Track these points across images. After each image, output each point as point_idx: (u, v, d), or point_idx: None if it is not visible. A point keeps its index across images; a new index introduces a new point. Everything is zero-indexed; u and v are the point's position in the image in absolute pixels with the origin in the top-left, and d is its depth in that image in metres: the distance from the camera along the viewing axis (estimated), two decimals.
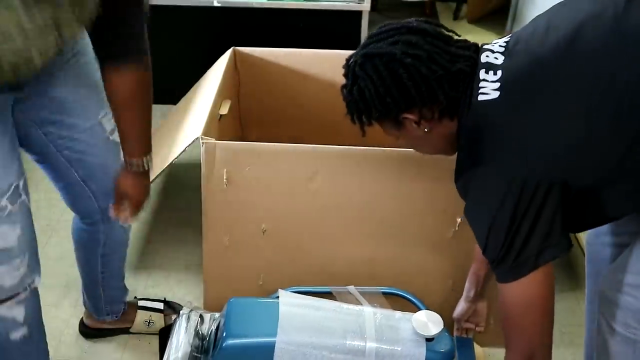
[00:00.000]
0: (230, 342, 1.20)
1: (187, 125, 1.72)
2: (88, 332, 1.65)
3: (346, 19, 2.32)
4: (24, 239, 1.19)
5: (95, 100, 1.29)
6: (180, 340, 1.27)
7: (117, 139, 1.29)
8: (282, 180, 1.51)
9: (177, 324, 1.31)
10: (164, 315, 1.65)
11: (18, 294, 1.20)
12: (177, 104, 2.08)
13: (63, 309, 1.72)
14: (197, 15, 2.37)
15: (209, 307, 1.58)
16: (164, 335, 1.37)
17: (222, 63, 1.90)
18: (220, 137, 1.54)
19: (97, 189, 1.36)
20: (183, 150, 1.58)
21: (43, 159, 1.32)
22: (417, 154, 1.32)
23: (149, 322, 1.64)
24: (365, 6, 2.28)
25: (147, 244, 1.94)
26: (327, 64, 1.96)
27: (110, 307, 1.61)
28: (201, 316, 1.32)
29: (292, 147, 1.50)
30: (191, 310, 1.33)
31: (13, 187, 1.15)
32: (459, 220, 1.50)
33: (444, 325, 1.22)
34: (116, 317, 1.63)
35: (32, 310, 1.28)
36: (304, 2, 2.27)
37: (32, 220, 1.23)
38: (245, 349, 1.22)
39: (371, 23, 2.37)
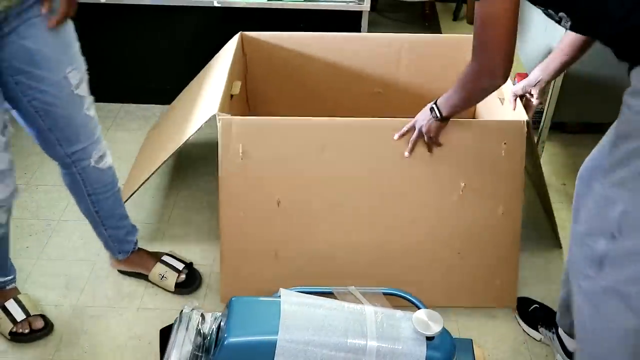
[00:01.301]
0: (231, 340, 1.20)
1: (201, 104, 1.78)
2: (118, 272, 1.82)
3: (346, 19, 2.32)
4: (12, 162, 1.47)
5: (64, 55, 1.41)
6: (182, 339, 1.27)
7: (82, 93, 1.46)
8: (294, 152, 1.60)
9: (178, 323, 1.31)
10: (178, 275, 1.75)
11: (6, 205, 1.47)
12: (188, 86, 2.14)
13: (63, 309, 1.72)
14: (197, 15, 2.37)
15: (226, 282, 1.67)
16: (165, 335, 1.37)
17: (230, 47, 1.98)
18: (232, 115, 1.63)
19: (62, 137, 1.50)
20: (200, 127, 1.64)
21: (15, 106, 1.45)
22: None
23: (162, 276, 1.75)
24: (365, 6, 2.28)
25: (147, 244, 1.93)
26: (331, 46, 2.07)
27: (119, 245, 1.75)
28: (202, 315, 1.32)
29: (303, 121, 1.61)
30: (192, 310, 1.33)
31: (3, 122, 1.39)
32: (462, 184, 1.59)
33: (443, 324, 1.23)
34: (127, 255, 1.77)
35: (9, 215, 1.53)
36: (304, 2, 2.27)
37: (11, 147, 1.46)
38: (247, 347, 1.22)
39: (371, 23, 2.37)
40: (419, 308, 1.35)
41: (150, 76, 2.58)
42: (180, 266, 1.77)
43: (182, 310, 1.34)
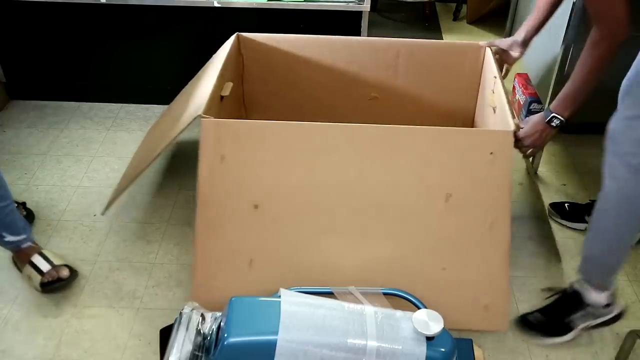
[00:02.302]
0: (231, 340, 1.20)
1: (190, 105, 1.76)
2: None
3: (346, 19, 2.32)
4: None
5: None
6: (182, 339, 1.27)
7: None
8: (274, 156, 1.57)
9: (178, 323, 1.31)
10: (41, 277, 1.73)
11: None
12: (186, 86, 2.12)
13: (63, 308, 1.72)
14: (197, 15, 2.37)
15: (198, 286, 1.61)
16: (165, 335, 1.37)
17: (226, 47, 1.96)
18: (222, 118, 1.61)
19: None
20: (184, 129, 1.62)
21: None
22: (406, 130, 1.47)
23: (29, 278, 1.75)
24: (365, 6, 2.28)
25: (147, 244, 1.94)
26: (328, 49, 2.05)
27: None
28: (202, 315, 1.32)
29: (284, 125, 1.57)
30: (192, 310, 1.33)
31: None
32: (448, 194, 1.54)
33: (444, 324, 1.23)
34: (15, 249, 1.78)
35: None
36: (304, 2, 2.27)
37: None
38: (247, 347, 1.22)
39: (371, 23, 2.37)
40: (419, 308, 1.35)
41: (150, 76, 2.58)
42: (46, 267, 1.74)
43: (182, 310, 1.34)
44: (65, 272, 1.76)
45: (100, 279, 1.81)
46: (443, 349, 1.25)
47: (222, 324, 1.27)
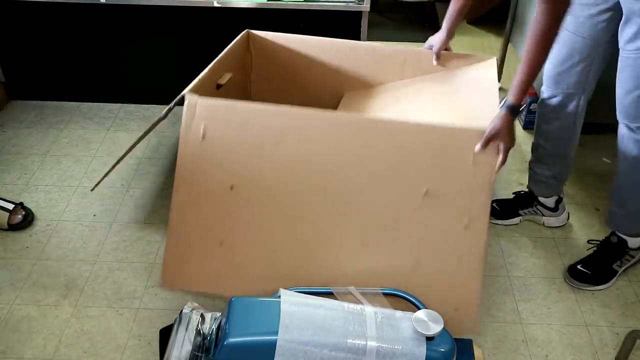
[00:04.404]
0: (231, 340, 1.20)
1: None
2: None
3: (346, 19, 2.32)
4: None
5: None
6: (182, 339, 1.27)
7: None
8: (255, 138, 1.57)
9: (178, 323, 1.31)
10: (10, 215, 1.93)
11: None
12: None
13: (63, 308, 1.72)
14: (197, 15, 2.37)
15: (168, 265, 1.60)
16: (165, 335, 1.38)
17: (234, 42, 1.97)
18: None
19: None
20: (170, 108, 1.66)
21: None
22: (387, 123, 1.50)
23: None
24: (365, 6, 2.28)
25: (147, 244, 1.94)
26: (336, 52, 2.05)
27: None
28: (202, 315, 1.32)
29: (265, 107, 1.59)
30: (192, 310, 1.33)
31: None
32: (425, 189, 1.52)
33: (444, 325, 1.23)
34: None
35: None
36: (304, 2, 2.27)
37: None
38: (247, 347, 1.22)
39: (371, 23, 2.37)
40: (419, 308, 1.35)
41: (150, 76, 2.58)
42: (9, 206, 1.93)
43: (182, 310, 1.34)
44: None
45: (100, 279, 1.81)
46: (443, 349, 1.25)
47: (222, 324, 1.27)
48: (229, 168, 1.57)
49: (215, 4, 2.27)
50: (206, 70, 1.73)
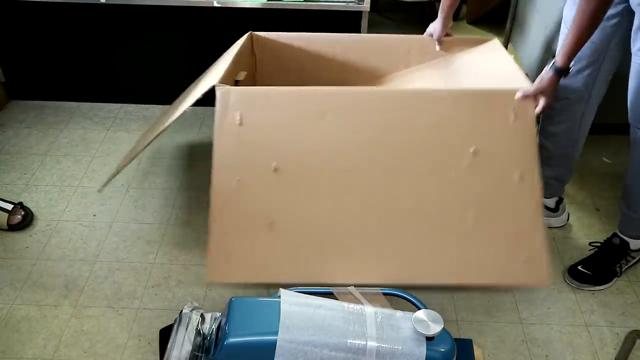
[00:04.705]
0: (231, 340, 1.20)
1: (202, 85, 1.75)
2: None
3: (346, 19, 2.32)
4: None
5: None
6: (181, 339, 1.27)
7: None
8: (293, 119, 1.57)
9: (178, 323, 1.31)
10: (9, 215, 1.94)
11: None
12: (189, 86, 2.14)
13: (63, 308, 1.72)
14: (197, 15, 2.37)
15: (214, 256, 1.54)
16: (165, 335, 1.38)
17: (238, 45, 1.97)
18: None
19: None
20: (199, 97, 1.61)
21: None
22: (424, 92, 1.54)
23: None
24: (365, 6, 2.28)
25: (147, 244, 1.94)
26: (340, 47, 2.05)
27: None
28: (202, 315, 1.32)
29: (302, 90, 1.59)
30: (192, 310, 1.33)
31: None
32: (472, 149, 1.55)
33: (444, 325, 1.23)
34: None
35: None
36: (304, 2, 2.27)
37: None
38: (247, 347, 1.22)
39: (371, 23, 2.37)
40: (419, 308, 1.35)
41: (150, 76, 2.58)
42: (8, 207, 1.93)
43: (182, 310, 1.34)
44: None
45: (100, 279, 1.81)
46: (443, 349, 1.25)
47: (222, 324, 1.27)
48: (270, 150, 1.55)
49: (215, 4, 2.27)
50: (225, 69, 1.70)
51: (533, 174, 1.54)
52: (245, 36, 2.02)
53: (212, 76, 1.74)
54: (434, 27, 1.96)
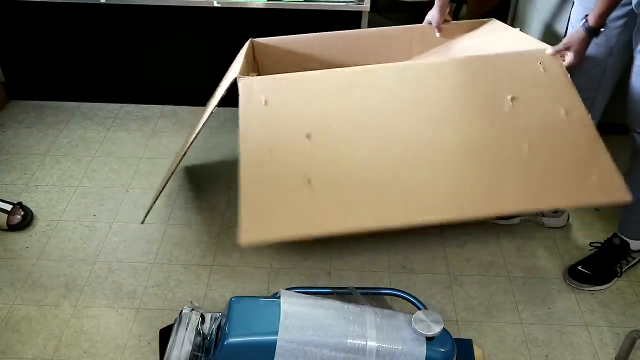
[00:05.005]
0: (231, 340, 1.20)
1: (223, 84, 1.76)
2: None
3: (346, 19, 2.32)
4: None
5: None
6: (181, 339, 1.27)
7: None
8: (323, 94, 1.57)
9: (178, 323, 1.31)
10: (8, 216, 1.94)
11: None
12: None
13: (63, 308, 1.72)
14: (197, 15, 2.37)
15: (248, 221, 1.41)
16: (165, 335, 1.38)
17: (242, 54, 1.96)
18: None
19: None
20: (224, 94, 1.63)
21: None
22: (450, 62, 1.62)
23: None
24: (365, 6, 2.28)
25: (147, 244, 1.94)
26: (340, 42, 2.05)
27: None
28: (202, 315, 1.32)
29: (329, 72, 1.60)
30: (192, 310, 1.33)
31: None
32: (509, 97, 1.56)
33: (444, 324, 1.23)
34: None
35: None
36: (304, 2, 2.27)
37: None
38: (247, 347, 1.22)
39: (371, 23, 2.37)
40: (419, 308, 1.35)
41: (150, 76, 2.58)
42: (7, 207, 1.94)
43: (182, 310, 1.34)
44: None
45: (100, 279, 1.81)
46: (443, 349, 1.25)
47: (221, 324, 1.27)
48: (300, 121, 1.54)
49: (215, 4, 2.27)
50: (240, 68, 1.70)
51: (580, 110, 1.52)
52: (247, 44, 2.01)
53: (228, 79, 1.74)
54: (432, 14, 1.97)
